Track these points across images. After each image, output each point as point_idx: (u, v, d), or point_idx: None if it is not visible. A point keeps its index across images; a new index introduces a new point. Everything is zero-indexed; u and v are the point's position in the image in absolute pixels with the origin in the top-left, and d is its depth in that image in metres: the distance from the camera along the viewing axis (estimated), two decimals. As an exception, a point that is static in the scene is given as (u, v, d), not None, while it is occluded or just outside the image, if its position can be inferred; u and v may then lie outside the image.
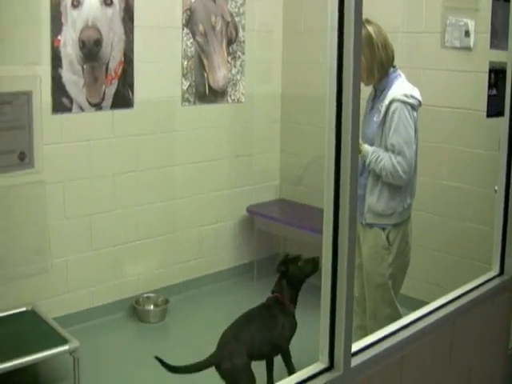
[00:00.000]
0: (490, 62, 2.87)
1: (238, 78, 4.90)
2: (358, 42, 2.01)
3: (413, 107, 3.08)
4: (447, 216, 4.36)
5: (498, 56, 3.99)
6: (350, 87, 2.03)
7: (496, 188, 3.15)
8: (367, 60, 3.08)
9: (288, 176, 5.41)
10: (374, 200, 3.16)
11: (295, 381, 2.06)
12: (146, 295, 4.62)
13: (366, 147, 3.12)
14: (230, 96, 4.88)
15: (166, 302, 4.57)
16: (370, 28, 3.09)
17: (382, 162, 3.06)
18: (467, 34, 4.11)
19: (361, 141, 3.12)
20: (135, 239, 4.56)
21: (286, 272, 3.48)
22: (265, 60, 5.15)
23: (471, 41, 4.10)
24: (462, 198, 4.28)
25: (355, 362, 2.14)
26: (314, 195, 5.22)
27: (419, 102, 3.14)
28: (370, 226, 3.20)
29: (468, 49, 4.12)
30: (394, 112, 3.05)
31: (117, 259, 4.49)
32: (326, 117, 2.14)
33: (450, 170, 4.32)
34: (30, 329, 3.80)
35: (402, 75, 3.21)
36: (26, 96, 1.52)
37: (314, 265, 3.50)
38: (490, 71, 2.85)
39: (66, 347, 3.52)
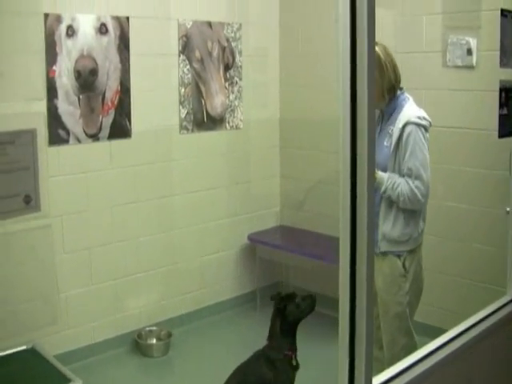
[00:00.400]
0: (501, 81, 2.80)
1: (236, 103, 4.83)
2: (371, 63, 1.95)
3: (426, 129, 3.01)
4: (457, 239, 4.27)
5: (506, 74, 3.95)
6: (365, 111, 1.97)
7: (508, 209, 3.08)
8: (377, 82, 2.95)
9: (289, 202, 5.32)
10: (389, 227, 3.05)
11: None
12: (148, 329, 4.50)
13: (380, 174, 3.01)
14: (229, 122, 4.81)
15: (169, 335, 4.44)
16: (377, 48, 2.95)
17: (399, 188, 2.96)
18: (469, 52, 4.06)
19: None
20: (136, 272, 4.44)
21: (284, 311, 3.32)
22: (262, 85, 5.10)
23: (474, 59, 4.05)
24: (471, 219, 4.19)
25: (376, 397, 2.05)
26: (316, 221, 5.14)
27: (430, 123, 3.06)
28: (385, 254, 3.10)
29: (471, 67, 4.07)
30: (409, 135, 2.95)
31: (118, 293, 4.37)
32: (340, 142, 2.06)
33: (456, 191, 4.24)
34: (31, 368, 3.66)
35: (410, 97, 3.13)
36: (30, 134, 1.41)
37: (312, 302, 3.38)
38: (501, 90, 2.78)
39: (69, 387, 3.39)
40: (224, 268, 5.01)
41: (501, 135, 2.83)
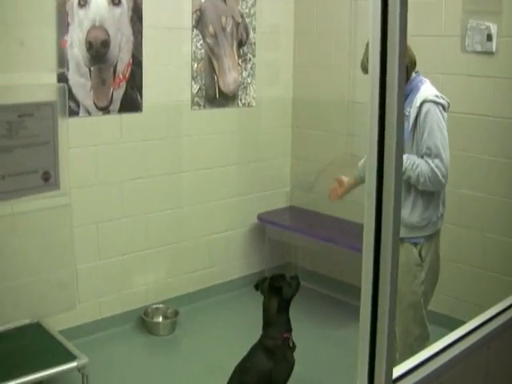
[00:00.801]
0: None
1: (249, 81, 4.76)
2: (403, 43, 1.86)
3: (444, 108, 2.94)
4: (473, 228, 4.20)
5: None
6: (395, 93, 1.87)
7: None
8: None
9: (299, 182, 5.25)
10: (408, 212, 2.97)
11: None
12: (155, 306, 4.45)
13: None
14: (241, 100, 4.74)
15: (176, 313, 4.40)
16: None
17: (419, 168, 2.88)
18: (489, 37, 3.96)
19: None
20: (144, 248, 4.40)
21: (281, 289, 3.25)
22: (276, 63, 5.01)
23: (494, 45, 3.95)
24: (489, 209, 4.12)
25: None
26: (326, 203, 5.06)
27: (448, 103, 3.00)
28: (401, 241, 3.02)
29: (490, 53, 3.97)
30: (426, 113, 2.88)
31: (125, 269, 4.33)
32: (368, 124, 1.95)
33: (473, 179, 4.16)
34: (36, 343, 3.62)
35: (427, 80, 3.06)
36: (50, 107, 1.34)
37: (298, 282, 3.35)
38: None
39: (74, 364, 3.35)
40: (232, 247, 4.96)
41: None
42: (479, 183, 4.14)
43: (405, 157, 2.92)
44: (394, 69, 1.83)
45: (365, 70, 3.14)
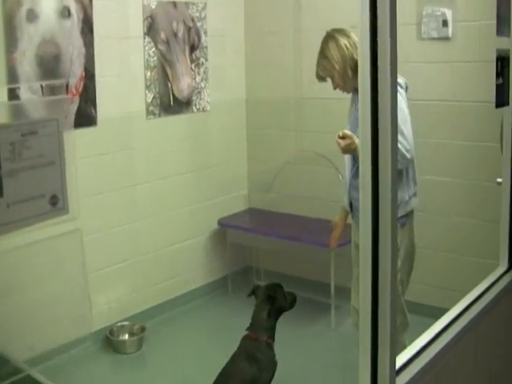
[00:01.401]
0: (497, 50, 2.73)
1: (203, 85, 4.64)
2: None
3: (401, 86, 2.96)
4: (440, 213, 4.24)
5: (481, 44, 3.88)
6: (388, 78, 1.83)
7: (499, 180, 3.03)
8: (339, 65, 3.07)
9: (256, 184, 5.19)
10: None
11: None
12: (120, 324, 4.32)
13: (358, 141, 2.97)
14: (195, 105, 4.62)
15: (143, 329, 4.28)
16: (332, 34, 3.12)
17: None
18: (445, 23, 3.99)
19: (352, 135, 2.97)
20: (104, 266, 4.24)
21: (274, 298, 3.26)
22: (228, 65, 4.91)
23: (449, 30, 3.99)
24: (454, 192, 4.17)
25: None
26: (285, 202, 5.04)
27: (406, 83, 3.06)
28: None
29: (446, 39, 4.00)
30: None
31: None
32: (360, 116, 1.88)
33: (440, 165, 4.20)
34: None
35: None
36: (55, 123, 1.21)
37: (294, 299, 3.38)
38: (497, 59, 2.71)
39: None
40: (194, 255, 4.87)
41: (498, 105, 2.77)
42: (443, 168, 4.17)
43: None
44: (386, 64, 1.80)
45: (318, 78, 3.21)
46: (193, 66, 4.54)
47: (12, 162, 1.11)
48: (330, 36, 3.12)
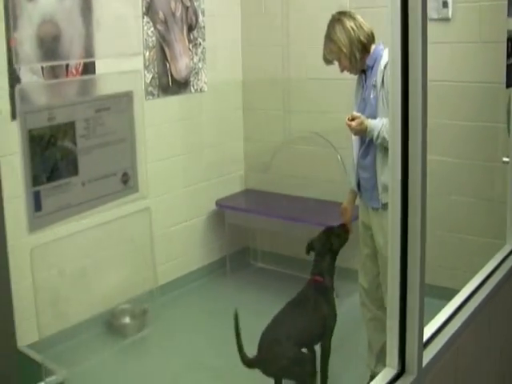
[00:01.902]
0: (508, 31, 2.76)
1: (200, 66, 4.61)
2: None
3: None
4: (445, 194, 4.27)
5: (481, 25, 3.90)
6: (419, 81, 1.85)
7: (505, 159, 3.07)
8: (346, 48, 3.05)
9: (253, 165, 5.19)
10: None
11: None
12: (121, 307, 4.30)
13: (369, 122, 3.00)
14: (193, 86, 4.59)
15: (144, 312, 4.27)
16: (338, 17, 3.11)
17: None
18: (445, 4, 4.00)
19: (361, 115, 3.02)
20: (104, 249, 4.22)
21: (331, 245, 3.30)
22: (225, 46, 4.88)
23: (450, 11, 4.00)
24: (453, 172, 4.20)
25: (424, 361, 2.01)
26: (282, 182, 5.05)
27: None
28: (385, 207, 3.04)
29: (446, 19, 4.01)
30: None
31: (87, 273, 4.15)
32: (390, 101, 1.92)
33: (437, 144, 4.22)
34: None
35: (387, 48, 3.08)
36: (127, 98, 1.19)
37: (346, 236, 3.37)
38: (508, 40, 2.73)
39: (53, 379, 3.18)
40: (193, 237, 4.86)
41: (508, 85, 2.80)
42: (444, 148, 4.20)
43: (375, 121, 3.00)
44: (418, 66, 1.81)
45: (326, 61, 3.20)
46: (190, 46, 4.51)
47: (87, 139, 1.09)
48: (336, 19, 3.11)
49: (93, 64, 3.87)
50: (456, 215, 4.23)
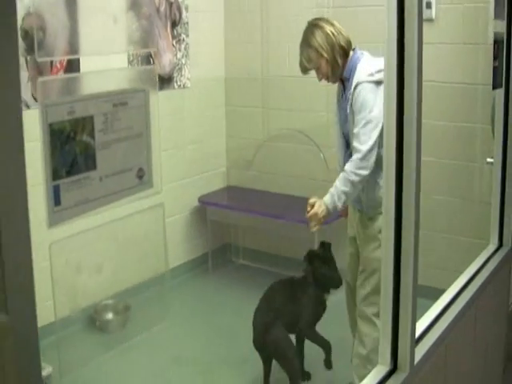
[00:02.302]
0: (495, 33, 2.79)
1: (183, 62, 4.60)
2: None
3: (378, 84, 2.86)
4: (428, 193, 4.31)
5: (464, 26, 3.96)
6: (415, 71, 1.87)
7: (488, 160, 3.11)
8: (328, 53, 2.95)
9: (235, 162, 5.19)
10: (375, 191, 3.00)
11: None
12: (104, 302, 4.28)
13: (325, 198, 2.95)
14: (176, 82, 4.58)
15: (127, 308, 4.25)
16: (316, 22, 3.01)
17: (348, 185, 2.91)
18: (428, 5, 4.05)
19: (314, 200, 3.00)
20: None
21: (331, 260, 3.31)
22: (208, 42, 4.87)
23: (433, 12, 4.05)
24: (434, 172, 4.24)
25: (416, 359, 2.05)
26: (264, 179, 5.06)
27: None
28: (368, 215, 3.08)
29: (430, 20, 4.05)
30: (358, 96, 2.88)
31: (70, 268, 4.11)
32: (385, 102, 1.95)
33: (425, 145, 4.26)
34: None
35: (364, 53, 3.04)
36: (143, 94, 1.18)
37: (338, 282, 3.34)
38: (495, 42, 2.77)
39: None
40: (175, 233, 4.85)
41: (494, 87, 2.83)
42: (427, 148, 4.23)
43: (329, 195, 2.95)
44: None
45: (303, 70, 3.10)
46: (174, 42, 4.49)
47: (105, 134, 1.09)
48: (314, 24, 3.01)
49: (77, 60, 3.84)
50: (439, 215, 4.28)
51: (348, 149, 3.09)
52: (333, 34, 2.95)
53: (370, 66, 2.91)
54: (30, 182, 1.08)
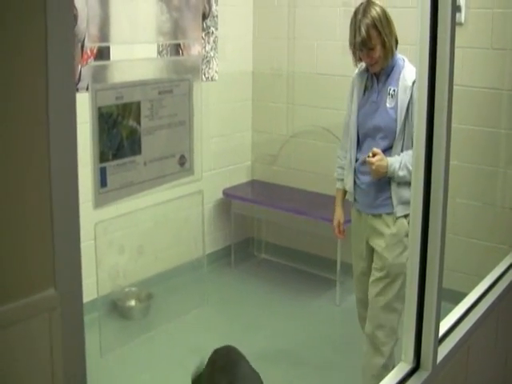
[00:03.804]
0: None
1: (212, 54, 4.63)
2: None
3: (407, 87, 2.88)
4: (453, 196, 4.31)
5: (494, 29, 3.95)
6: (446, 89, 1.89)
7: None
8: (388, 39, 2.86)
9: (260, 156, 5.22)
10: (406, 190, 2.86)
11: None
12: (127, 289, 4.33)
13: (389, 158, 2.84)
14: (204, 74, 4.61)
15: (150, 296, 4.30)
16: (378, 3, 2.90)
17: (407, 170, 2.80)
18: (458, 9, 4.02)
19: (380, 152, 2.84)
20: (112, 231, 4.24)
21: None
22: (237, 36, 4.89)
23: (462, 16, 4.03)
24: (458, 175, 4.22)
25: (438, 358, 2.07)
26: (288, 175, 5.07)
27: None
28: (394, 215, 3.03)
29: (459, 24, 4.03)
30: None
31: (92, 253, 4.16)
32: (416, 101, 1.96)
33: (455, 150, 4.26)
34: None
35: (405, 57, 2.99)
36: (187, 82, 1.22)
37: None
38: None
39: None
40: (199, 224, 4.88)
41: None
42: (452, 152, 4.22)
43: (392, 159, 2.86)
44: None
45: (363, 44, 2.86)
46: (203, 34, 4.53)
47: (150, 120, 1.12)
48: (374, 3, 2.89)
49: (107, 48, 3.88)
50: (461, 218, 4.25)
51: (359, 145, 3.03)
52: (391, 21, 2.90)
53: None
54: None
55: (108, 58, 3.90)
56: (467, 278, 3.96)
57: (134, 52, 4.28)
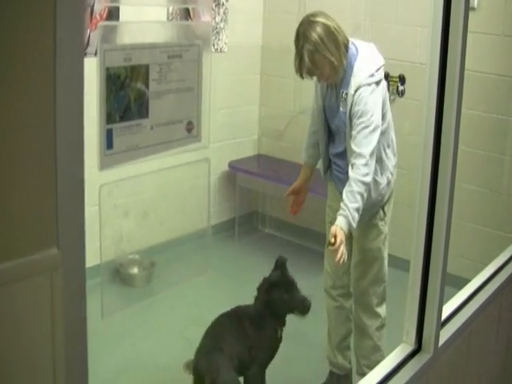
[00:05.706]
0: None
1: (222, 26, 4.59)
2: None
3: (377, 83, 2.70)
4: (459, 181, 4.30)
5: (506, 16, 3.91)
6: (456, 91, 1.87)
7: None
8: (335, 57, 2.68)
9: (267, 131, 5.20)
10: (382, 178, 2.84)
11: (386, 370, 1.96)
12: (130, 257, 4.35)
13: (339, 222, 2.63)
14: (214, 45, 4.58)
15: (152, 264, 4.32)
16: (319, 19, 2.75)
17: (356, 194, 2.62)
18: (471, -8, 3.98)
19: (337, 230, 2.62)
20: (116, 197, 4.25)
21: (291, 284, 2.91)
22: (247, 8, 4.85)
23: (475, 1, 3.97)
24: (476, 163, 4.19)
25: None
26: (294, 151, 5.05)
27: (385, 74, 2.90)
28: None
29: (472, 9, 3.98)
30: (360, 98, 2.65)
31: (97, 219, 4.17)
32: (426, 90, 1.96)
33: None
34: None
35: (356, 42, 2.81)
36: (197, 48, 1.20)
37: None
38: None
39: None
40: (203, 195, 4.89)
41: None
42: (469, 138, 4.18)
43: (343, 214, 2.65)
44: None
45: (310, 73, 2.77)
46: (213, 5, 4.49)
47: (158, 84, 1.11)
48: (313, 21, 2.74)
49: (117, 10, 3.86)
50: (467, 204, 4.22)
51: (329, 138, 2.97)
52: (336, 30, 2.70)
53: (371, 64, 2.71)
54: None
55: (117, 20, 3.88)
56: (471, 264, 3.95)
57: (144, 17, 4.26)
